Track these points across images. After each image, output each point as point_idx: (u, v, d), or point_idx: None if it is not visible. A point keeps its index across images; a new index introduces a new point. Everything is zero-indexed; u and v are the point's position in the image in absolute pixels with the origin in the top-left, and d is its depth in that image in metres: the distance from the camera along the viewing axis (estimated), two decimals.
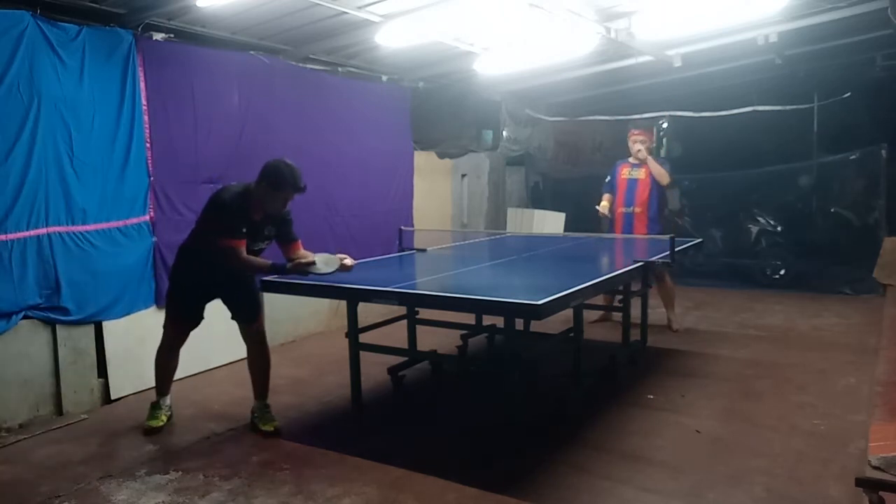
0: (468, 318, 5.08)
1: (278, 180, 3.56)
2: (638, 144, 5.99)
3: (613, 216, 6.12)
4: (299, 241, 3.92)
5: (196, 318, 3.89)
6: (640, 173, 6.00)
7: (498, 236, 6.98)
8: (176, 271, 3.86)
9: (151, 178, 4.62)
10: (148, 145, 4.59)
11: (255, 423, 3.85)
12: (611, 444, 3.54)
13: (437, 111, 7.48)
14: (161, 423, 3.85)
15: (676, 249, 4.49)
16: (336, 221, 6.19)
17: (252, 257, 3.69)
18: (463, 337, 5.25)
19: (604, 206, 6.11)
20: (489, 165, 8.37)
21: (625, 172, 6.09)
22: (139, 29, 4.51)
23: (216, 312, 3.92)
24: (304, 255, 3.86)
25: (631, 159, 6.09)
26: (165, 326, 3.90)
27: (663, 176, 5.93)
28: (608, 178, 6.23)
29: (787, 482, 3.05)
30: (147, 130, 4.57)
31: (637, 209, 5.98)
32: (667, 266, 4.65)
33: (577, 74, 7.32)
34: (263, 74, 5.43)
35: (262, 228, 3.72)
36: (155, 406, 3.94)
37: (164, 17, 4.61)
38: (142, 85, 4.53)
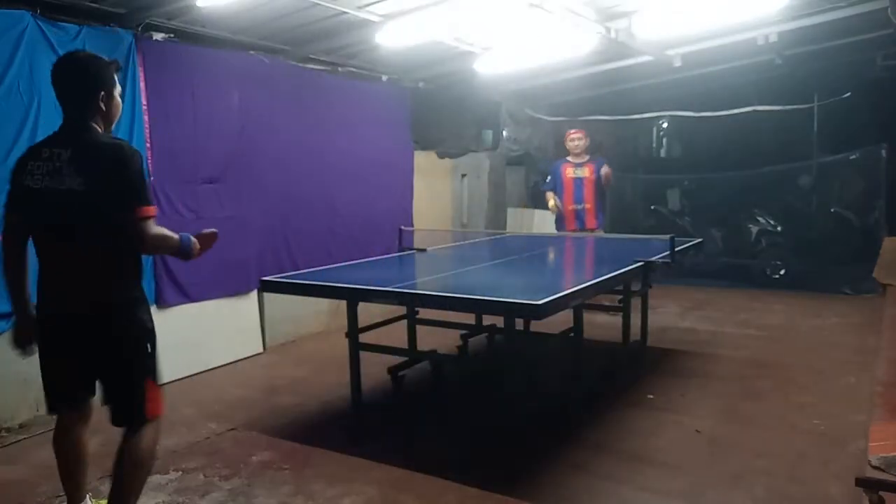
0: (468, 318, 5.08)
1: (116, 66, 2.50)
2: (576, 141, 6.66)
3: (563, 212, 6.68)
4: None
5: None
6: (585, 171, 6.60)
7: (498, 236, 6.98)
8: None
9: (151, 178, 4.61)
10: (148, 145, 4.58)
11: None
12: (611, 444, 3.54)
13: (437, 111, 7.48)
14: None
15: (676, 249, 4.49)
16: (336, 221, 6.19)
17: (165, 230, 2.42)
18: (463, 337, 5.25)
19: (553, 204, 6.67)
20: (489, 165, 8.37)
21: (569, 172, 6.66)
22: (139, 29, 4.51)
23: (215, 312, 3.90)
24: None
25: (570, 158, 6.73)
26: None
27: (609, 179, 6.57)
28: (548, 177, 6.83)
29: (787, 482, 3.05)
30: (147, 130, 4.57)
31: (587, 205, 6.60)
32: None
33: (577, 74, 7.32)
34: (263, 74, 5.43)
35: None
36: None
37: (164, 17, 4.61)
38: (142, 85, 4.53)
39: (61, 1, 4.12)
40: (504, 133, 8.62)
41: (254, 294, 5.47)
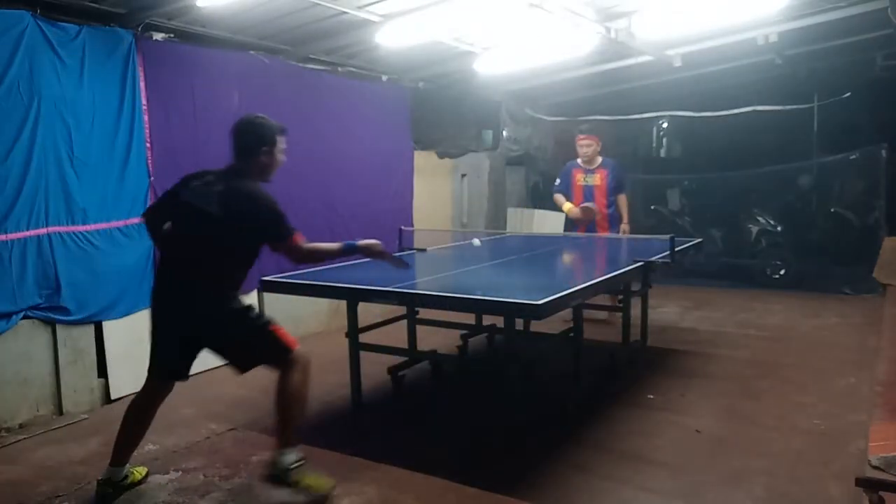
0: (468, 318, 5.08)
1: (278, 128, 3.07)
2: (584, 148, 6.22)
3: (586, 214, 6.26)
4: None
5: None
6: (595, 179, 6.21)
7: (498, 236, 6.98)
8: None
9: (151, 178, 4.61)
10: (148, 145, 4.59)
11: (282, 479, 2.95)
12: (611, 444, 3.54)
13: (437, 111, 7.48)
14: None
15: (676, 249, 4.49)
16: (335, 221, 6.18)
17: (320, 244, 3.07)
18: (463, 337, 5.25)
19: (569, 206, 6.25)
20: (489, 165, 8.37)
21: (579, 178, 6.26)
22: (139, 29, 4.51)
23: None
24: None
25: (580, 162, 6.30)
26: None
27: (625, 205, 6.24)
28: (558, 181, 6.43)
29: (787, 482, 3.05)
30: (147, 130, 4.57)
31: (597, 216, 6.21)
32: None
33: (577, 74, 7.32)
34: (263, 74, 5.42)
35: None
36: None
37: (164, 17, 4.61)
38: (142, 85, 4.53)
39: (61, 1, 4.12)
40: (504, 133, 8.62)
41: (254, 294, 5.45)
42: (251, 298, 5.43)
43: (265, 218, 2.87)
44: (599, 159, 6.27)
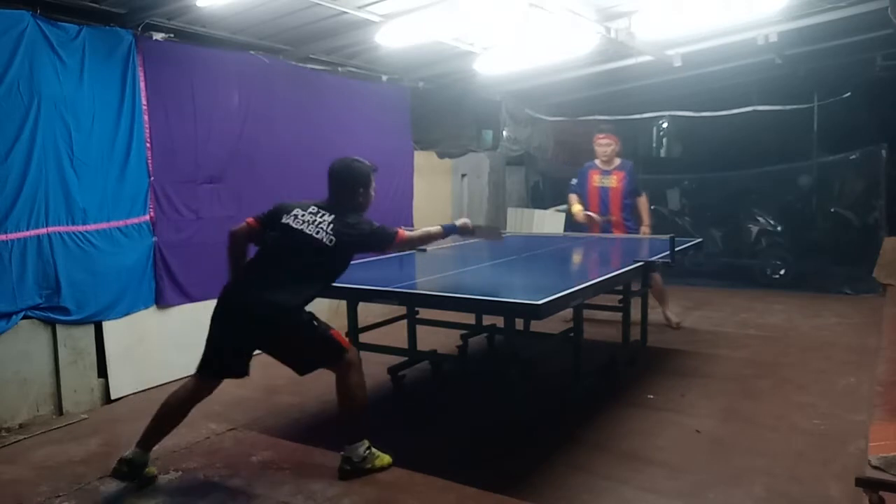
0: (468, 318, 5.08)
1: (371, 168, 3.42)
2: (604, 147, 6.07)
3: (589, 220, 6.12)
4: None
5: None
6: (612, 181, 6.05)
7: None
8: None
9: (151, 178, 4.62)
10: (148, 145, 4.59)
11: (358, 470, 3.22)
12: (611, 444, 3.54)
13: (437, 111, 7.48)
14: None
15: (676, 249, 4.49)
16: None
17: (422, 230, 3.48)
18: (463, 337, 5.25)
19: (578, 209, 6.11)
20: (489, 165, 8.37)
21: (595, 180, 6.11)
22: (139, 29, 4.51)
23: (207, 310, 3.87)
24: None
25: (598, 163, 6.16)
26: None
27: (645, 207, 6.14)
28: (574, 180, 6.29)
29: (787, 482, 3.05)
30: (147, 130, 4.57)
31: (613, 217, 6.08)
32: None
33: (577, 74, 7.32)
34: (263, 74, 5.43)
35: None
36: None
37: (164, 17, 4.62)
38: (142, 85, 4.53)
39: (61, 1, 4.12)
40: (504, 133, 8.62)
41: None
42: None
43: (371, 238, 3.26)
44: (617, 160, 6.12)
